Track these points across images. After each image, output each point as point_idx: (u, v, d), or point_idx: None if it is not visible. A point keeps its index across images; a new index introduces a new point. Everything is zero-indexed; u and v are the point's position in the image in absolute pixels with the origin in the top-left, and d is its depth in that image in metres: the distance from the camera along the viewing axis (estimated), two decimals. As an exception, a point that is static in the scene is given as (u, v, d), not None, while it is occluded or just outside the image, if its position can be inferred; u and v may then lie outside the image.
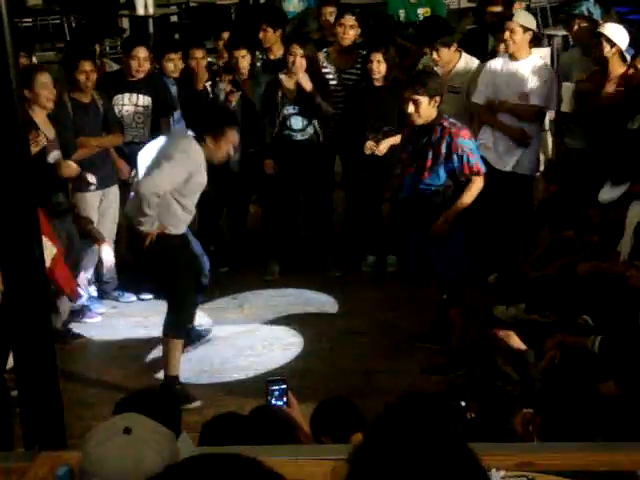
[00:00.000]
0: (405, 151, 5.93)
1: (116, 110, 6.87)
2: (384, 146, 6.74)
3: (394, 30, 8.00)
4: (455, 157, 5.57)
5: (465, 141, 5.58)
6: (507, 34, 6.64)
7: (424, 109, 5.53)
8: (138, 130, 6.94)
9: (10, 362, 3.36)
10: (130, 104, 6.93)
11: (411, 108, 5.57)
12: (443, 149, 5.57)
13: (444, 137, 5.55)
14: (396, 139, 6.45)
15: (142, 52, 6.91)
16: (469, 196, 5.77)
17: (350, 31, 7.35)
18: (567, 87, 6.62)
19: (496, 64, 6.80)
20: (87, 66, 6.53)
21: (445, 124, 5.58)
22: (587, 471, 2.74)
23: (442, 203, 5.66)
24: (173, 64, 7.16)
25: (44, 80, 6.02)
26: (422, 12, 8.93)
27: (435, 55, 6.90)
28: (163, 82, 7.14)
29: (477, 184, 5.70)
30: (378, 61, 6.89)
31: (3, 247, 3.11)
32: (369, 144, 6.85)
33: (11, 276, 3.13)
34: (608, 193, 5.59)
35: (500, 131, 6.73)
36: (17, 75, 3.08)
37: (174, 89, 7.22)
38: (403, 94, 5.71)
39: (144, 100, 6.94)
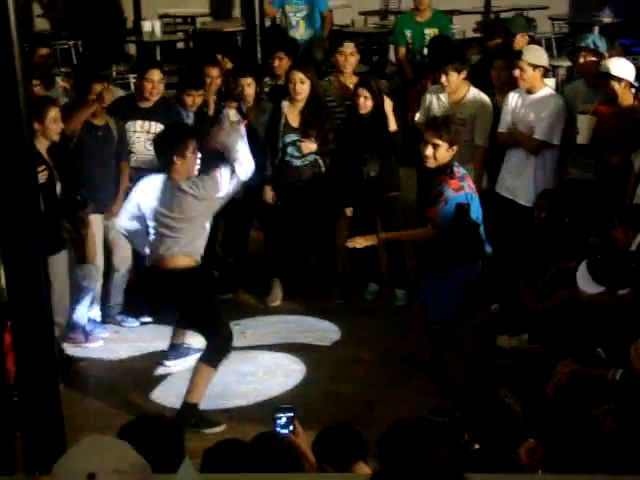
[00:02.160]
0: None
1: (127, 136, 6.86)
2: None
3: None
4: (434, 199, 5.54)
5: (448, 190, 5.49)
6: (517, 72, 6.67)
7: (442, 154, 5.51)
8: (147, 157, 6.85)
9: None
10: (142, 131, 6.88)
11: (429, 151, 5.53)
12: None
13: (441, 184, 5.52)
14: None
15: (156, 75, 6.88)
16: (412, 235, 6.08)
17: (351, 58, 7.39)
18: (585, 119, 6.52)
19: (513, 96, 6.85)
20: (99, 88, 6.53)
21: (447, 171, 5.52)
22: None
23: (438, 242, 5.61)
24: (192, 99, 7.09)
25: (54, 115, 6.01)
26: (429, 32, 8.95)
27: (444, 78, 6.90)
28: (176, 109, 7.07)
29: (426, 232, 5.69)
30: (365, 97, 6.89)
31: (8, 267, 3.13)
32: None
33: (15, 305, 3.14)
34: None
35: (520, 147, 6.78)
36: (27, 103, 3.10)
37: (191, 119, 7.15)
38: (423, 135, 5.69)
39: (156, 127, 6.82)
